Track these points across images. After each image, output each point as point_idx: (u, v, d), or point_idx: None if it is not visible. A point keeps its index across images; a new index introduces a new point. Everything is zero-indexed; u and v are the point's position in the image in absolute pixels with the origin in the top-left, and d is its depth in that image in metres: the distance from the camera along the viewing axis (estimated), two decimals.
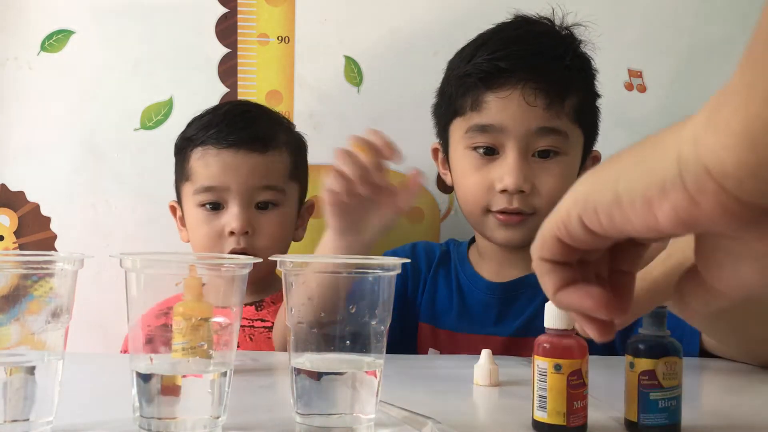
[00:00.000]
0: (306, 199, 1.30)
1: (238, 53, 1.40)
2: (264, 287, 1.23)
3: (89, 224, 1.39)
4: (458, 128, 1.11)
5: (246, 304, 1.04)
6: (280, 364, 0.93)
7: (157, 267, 0.60)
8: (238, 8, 1.40)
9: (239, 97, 1.40)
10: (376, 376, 0.62)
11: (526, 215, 1.07)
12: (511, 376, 0.83)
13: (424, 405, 0.67)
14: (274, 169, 1.20)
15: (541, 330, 0.64)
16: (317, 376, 0.61)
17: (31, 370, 0.57)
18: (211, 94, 1.39)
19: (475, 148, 1.08)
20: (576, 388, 0.61)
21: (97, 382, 0.82)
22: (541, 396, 0.61)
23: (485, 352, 0.82)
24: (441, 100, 1.17)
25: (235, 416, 0.63)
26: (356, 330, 0.62)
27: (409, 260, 0.72)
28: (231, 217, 1.16)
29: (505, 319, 1.13)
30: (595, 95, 1.15)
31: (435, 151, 1.21)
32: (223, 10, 1.40)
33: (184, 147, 1.23)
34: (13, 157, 1.39)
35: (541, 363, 0.61)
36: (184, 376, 0.58)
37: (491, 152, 1.08)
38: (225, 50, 1.40)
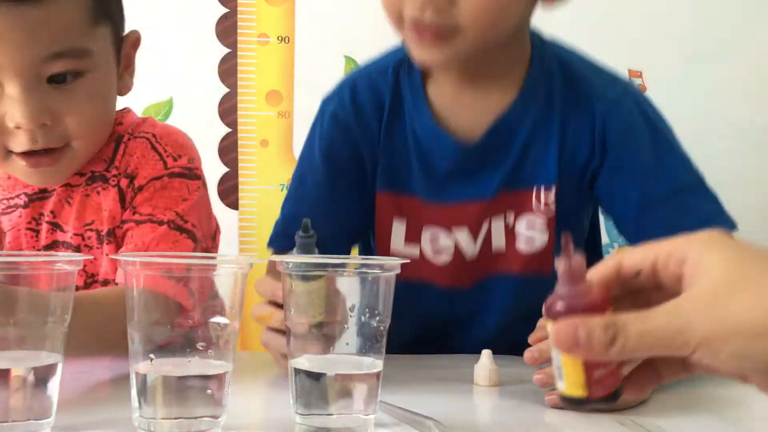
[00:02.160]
0: (127, 33, 0.94)
1: (238, 53, 1.40)
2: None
3: None
4: None
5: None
6: None
7: (157, 267, 0.60)
8: (238, 8, 1.40)
9: (239, 98, 1.39)
10: (376, 377, 0.62)
11: None
12: (511, 376, 0.83)
13: (424, 405, 0.67)
14: (63, 22, 0.80)
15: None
16: (317, 376, 0.61)
17: (32, 371, 0.57)
18: (211, 94, 1.39)
19: None
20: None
21: (97, 382, 0.82)
22: (558, 367, 0.47)
23: (485, 353, 0.82)
24: None
25: (235, 416, 0.63)
26: (356, 330, 0.62)
27: (408, 260, 0.65)
28: (11, 106, 0.79)
29: (482, 179, 0.91)
30: None
31: None
32: (223, 10, 1.40)
33: None
34: None
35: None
36: (183, 377, 0.58)
37: None
38: (225, 50, 1.40)
